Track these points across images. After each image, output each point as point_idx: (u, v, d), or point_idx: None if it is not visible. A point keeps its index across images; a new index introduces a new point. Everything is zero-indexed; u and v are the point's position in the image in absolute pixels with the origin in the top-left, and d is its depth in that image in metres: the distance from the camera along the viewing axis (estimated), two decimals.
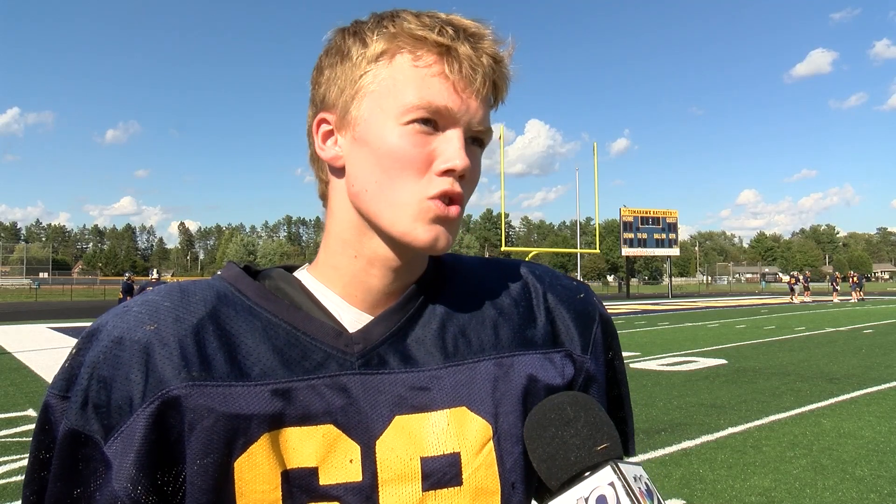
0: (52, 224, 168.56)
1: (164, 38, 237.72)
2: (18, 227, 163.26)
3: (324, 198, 0.76)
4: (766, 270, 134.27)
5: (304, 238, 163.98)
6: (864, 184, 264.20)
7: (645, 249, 48.72)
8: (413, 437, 0.68)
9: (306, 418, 0.66)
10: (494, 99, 0.72)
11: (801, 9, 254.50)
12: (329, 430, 0.66)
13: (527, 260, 0.86)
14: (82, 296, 58.72)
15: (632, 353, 11.82)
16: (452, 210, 0.68)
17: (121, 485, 0.61)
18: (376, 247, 0.71)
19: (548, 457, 0.66)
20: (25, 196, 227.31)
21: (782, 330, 17.17)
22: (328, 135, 0.72)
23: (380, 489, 0.66)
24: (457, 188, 0.67)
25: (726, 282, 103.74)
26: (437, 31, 0.67)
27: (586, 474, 0.63)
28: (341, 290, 0.73)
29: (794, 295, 36.62)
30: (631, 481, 0.61)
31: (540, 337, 0.76)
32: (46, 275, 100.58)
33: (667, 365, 10.43)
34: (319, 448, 0.66)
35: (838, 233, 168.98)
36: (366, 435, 0.67)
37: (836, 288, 41.00)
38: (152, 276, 21.51)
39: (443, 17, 0.69)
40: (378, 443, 0.67)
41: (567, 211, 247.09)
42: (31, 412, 7.23)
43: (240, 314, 0.69)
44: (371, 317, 0.72)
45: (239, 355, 0.66)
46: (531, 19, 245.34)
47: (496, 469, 0.70)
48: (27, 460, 0.68)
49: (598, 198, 41.95)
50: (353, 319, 0.71)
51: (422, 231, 0.67)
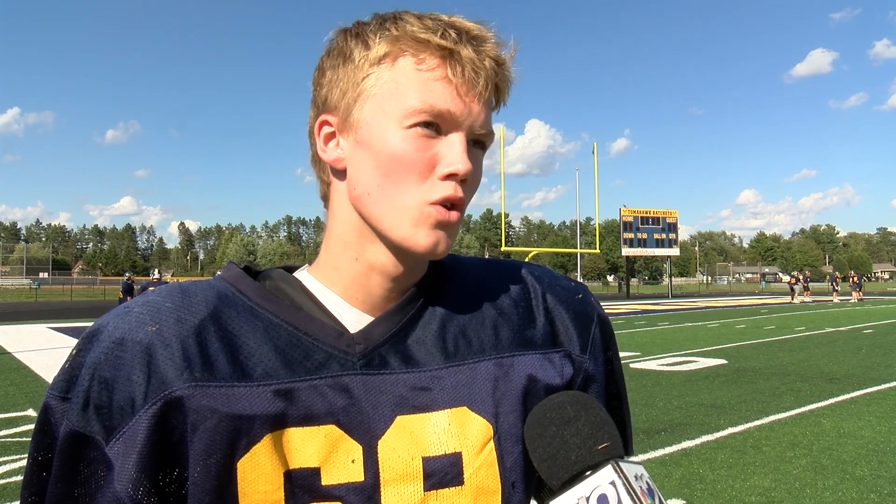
0: (52, 224, 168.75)
1: (164, 38, 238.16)
2: (18, 227, 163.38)
3: (325, 199, 0.76)
4: (766, 270, 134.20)
5: (304, 238, 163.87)
6: (864, 184, 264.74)
7: (645, 249, 48.71)
8: (415, 437, 0.68)
9: (308, 418, 0.66)
10: (496, 101, 0.72)
11: (801, 9, 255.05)
12: (331, 430, 0.66)
13: (526, 260, 0.87)
14: (82, 296, 58.68)
15: (632, 353, 11.82)
16: (453, 215, 0.68)
17: (122, 486, 0.61)
18: (377, 252, 0.71)
19: (548, 456, 0.66)
20: (25, 196, 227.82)
21: (782, 330, 17.16)
22: (330, 137, 0.72)
23: (382, 489, 0.66)
24: (459, 193, 0.67)
25: (726, 282, 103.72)
26: (439, 34, 0.66)
27: (587, 473, 0.63)
28: (342, 291, 0.73)
29: (795, 295, 36.59)
30: (632, 480, 0.61)
31: (539, 337, 0.76)
32: (46, 275, 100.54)
33: (667, 365, 10.43)
34: (322, 448, 0.66)
35: (838, 233, 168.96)
36: (368, 435, 0.67)
37: (836, 288, 41.00)
38: (153, 276, 21.52)
39: (445, 20, 0.68)
40: (380, 443, 0.67)
41: (567, 211, 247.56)
42: (31, 412, 7.23)
43: (241, 315, 0.68)
44: (371, 317, 0.72)
45: (241, 356, 0.66)
46: (531, 19, 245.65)
47: (497, 469, 0.70)
48: (26, 462, 0.67)
49: (598, 198, 42.03)
50: (354, 320, 0.71)
51: (422, 236, 0.67)
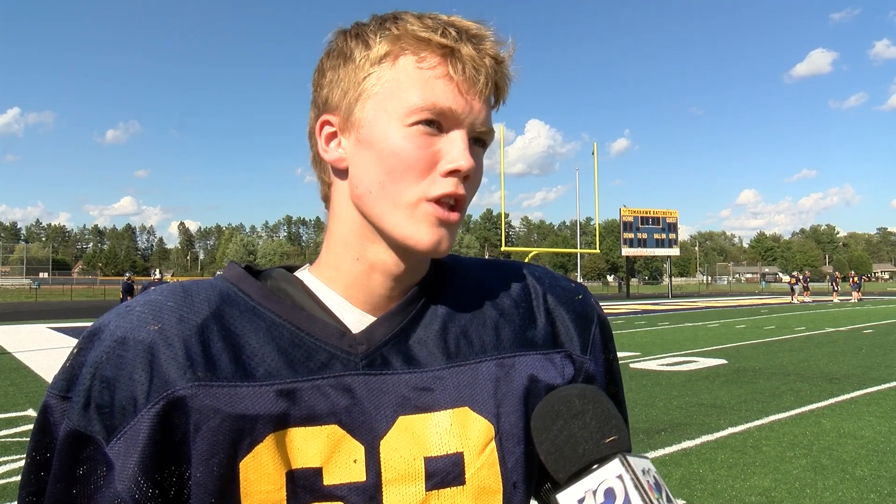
0: (52, 224, 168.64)
1: (164, 38, 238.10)
2: (18, 227, 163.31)
3: (326, 200, 0.76)
4: (766, 270, 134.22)
5: (304, 238, 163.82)
6: (864, 184, 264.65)
7: (645, 249, 48.72)
8: (417, 437, 0.68)
9: (311, 418, 0.66)
10: (496, 100, 0.72)
11: (801, 9, 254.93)
12: (333, 430, 0.66)
13: (526, 260, 0.87)
14: (82, 296, 58.66)
15: (632, 353, 11.81)
16: (454, 213, 0.68)
17: (124, 486, 0.61)
18: (379, 251, 0.71)
19: (555, 449, 0.65)
20: (25, 196, 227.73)
21: (782, 330, 17.16)
22: (331, 136, 0.72)
23: (384, 489, 0.67)
24: (461, 190, 0.68)
25: (726, 282, 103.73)
26: (440, 32, 0.67)
27: (594, 467, 0.63)
28: (343, 291, 0.73)
29: (795, 295, 36.60)
30: (639, 474, 0.61)
31: (540, 338, 0.77)
32: (46, 275, 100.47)
33: (667, 365, 10.42)
34: (324, 448, 0.66)
35: (838, 233, 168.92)
36: (370, 435, 0.67)
37: (836, 288, 41.01)
38: (155, 276, 21.51)
39: (445, 19, 0.69)
40: (382, 443, 0.67)
41: (567, 211, 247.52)
42: (31, 412, 7.23)
43: (244, 314, 0.68)
44: (373, 317, 0.72)
45: (244, 355, 0.66)
46: (531, 19, 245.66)
47: (498, 469, 0.71)
48: (25, 461, 0.67)
49: (598, 198, 42.05)
50: (356, 320, 0.72)
51: (425, 234, 0.67)
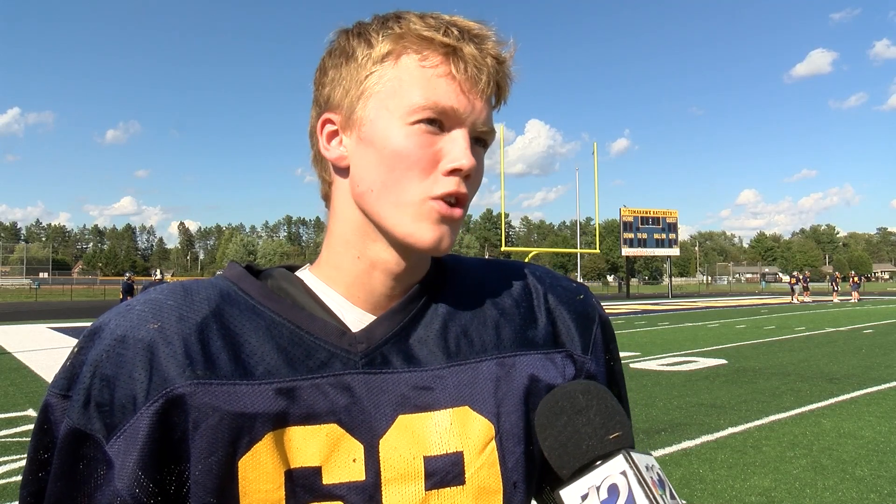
0: (52, 224, 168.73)
1: (164, 38, 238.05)
2: (18, 227, 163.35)
3: (326, 198, 0.76)
4: (766, 270, 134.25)
5: (304, 238, 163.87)
6: (864, 184, 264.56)
7: (645, 249, 48.71)
8: (416, 436, 0.68)
9: (310, 417, 0.66)
10: (497, 99, 0.72)
11: (801, 9, 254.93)
12: (333, 429, 0.66)
13: (527, 260, 0.87)
14: (82, 296, 58.67)
15: (632, 353, 11.82)
16: (456, 211, 0.68)
17: (123, 484, 0.61)
18: (379, 249, 0.71)
19: (559, 445, 0.65)
20: (25, 196, 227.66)
21: (782, 330, 17.16)
22: (333, 135, 0.72)
23: (383, 488, 0.67)
24: (462, 189, 0.68)
25: (726, 282, 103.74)
26: (442, 31, 0.67)
27: (598, 463, 0.63)
28: (344, 290, 0.73)
29: (795, 295, 36.62)
30: (643, 470, 0.61)
31: (541, 337, 0.77)
32: (46, 275, 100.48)
33: (667, 365, 10.43)
34: (323, 447, 0.66)
35: (838, 233, 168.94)
36: (369, 434, 0.67)
37: (836, 288, 41.03)
38: (155, 276, 21.48)
39: (447, 19, 0.69)
40: (381, 442, 0.67)
41: (567, 211, 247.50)
42: (31, 412, 7.23)
43: (243, 313, 0.68)
44: (373, 316, 0.72)
45: (243, 354, 0.66)
46: (531, 19, 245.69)
47: (498, 468, 0.71)
48: (25, 460, 0.67)
49: (598, 198, 42.07)
50: (356, 319, 0.72)
51: (426, 232, 0.68)
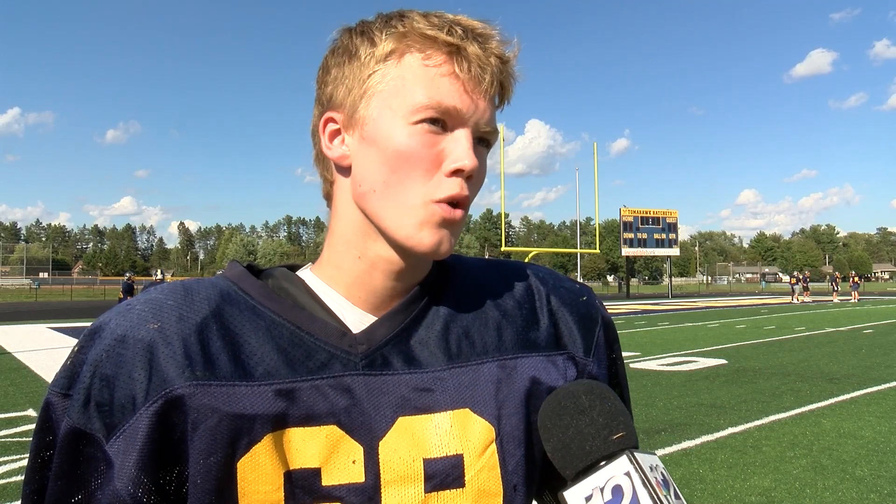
0: (52, 224, 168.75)
1: (164, 38, 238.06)
2: (18, 227, 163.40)
3: (328, 198, 0.76)
4: (766, 270, 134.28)
5: (304, 238, 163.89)
6: (864, 184, 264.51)
7: (645, 249, 48.72)
8: (416, 438, 0.68)
9: (310, 419, 0.66)
10: (500, 99, 0.72)
11: (801, 9, 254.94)
12: (332, 430, 0.66)
13: (527, 260, 0.86)
14: (82, 296, 58.68)
15: (632, 353, 11.81)
16: (457, 213, 0.68)
17: (123, 484, 0.61)
18: (380, 249, 0.71)
19: (563, 446, 0.65)
20: (25, 196, 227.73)
21: (782, 330, 17.16)
22: (335, 134, 0.72)
23: (382, 490, 0.66)
24: (464, 191, 0.67)
25: (726, 282, 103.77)
26: (446, 30, 0.67)
27: (602, 463, 0.63)
28: (345, 290, 0.73)
29: (795, 295, 36.65)
30: (647, 471, 0.61)
31: (543, 339, 0.76)
32: (46, 275, 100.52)
33: (667, 365, 10.43)
34: (322, 449, 0.66)
35: (838, 233, 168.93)
36: (369, 436, 0.67)
37: (836, 288, 41.04)
38: (156, 276, 21.46)
39: (450, 18, 0.69)
40: (381, 444, 0.67)
41: (567, 211, 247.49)
42: (31, 412, 7.23)
43: (244, 313, 0.68)
44: (374, 317, 0.72)
45: (243, 355, 0.66)
46: (531, 19, 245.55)
47: (499, 471, 0.70)
48: (27, 459, 0.67)
49: (598, 198, 42.06)
50: (357, 320, 0.71)
51: (426, 236, 0.67)
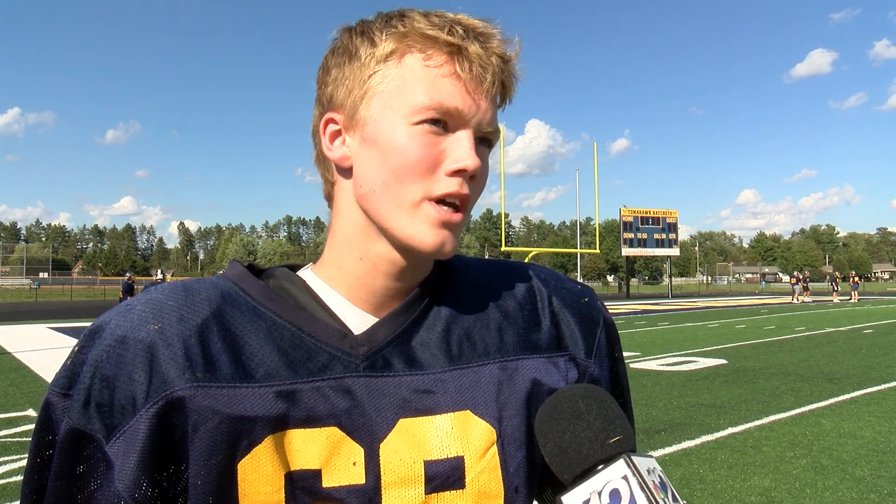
0: (52, 224, 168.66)
1: (164, 38, 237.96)
2: (18, 227, 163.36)
3: (329, 198, 0.76)
4: (766, 270, 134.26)
5: (304, 238, 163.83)
6: (864, 184, 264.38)
7: (645, 249, 48.70)
8: (417, 440, 0.68)
9: (310, 420, 0.66)
10: (502, 99, 0.72)
11: (801, 9, 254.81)
12: (333, 432, 0.66)
13: (527, 260, 0.86)
14: (82, 296, 58.65)
15: (632, 353, 11.81)
16: (455, 216, 0.68)
17: (123, 485, 0.61)
18: (382, 249, 0.71)
19: (560, 450, 0.65)
20: (25, 196, 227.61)
21: (782, 330, 17.16)
22: (336, 135, 0.72)
23: (383, 492, 0.66)
24: (465, 189, 0.67)
25: (726, 282, 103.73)
26: (446, 30, 0.66)
27: (599, 467, 0.63)
28: (346, 291, 0.72)
29: (795, 295, 36.65)
30: (644, 474, 0.61)
31: (544, 341, 0.76)
32: (46, 275, 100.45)
33: (667, 365, 10.42)
34: (323, 450, 0.66)
35: (838, 233, 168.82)
36: (370, 437, 0.67)
37: (836, 288, 41.03)
38: (156, 276, 21.43)
39: (451, 17, 0.68)
40: (382, 445, 0.67)
41: (567, 211, 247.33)
42: (31, 412, 7.22)
43: (244, 314, 0.68)
44: (376, 318, 0.72)
45: (243, 356, 0.66)
46: (531, 19, 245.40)
47: (500, 473, 0.70)
48: (27, 458, 0.67)
49: (598, 198, 42.00)
50: (358, 321, 0.71)
51: (429, 235, 0.67)
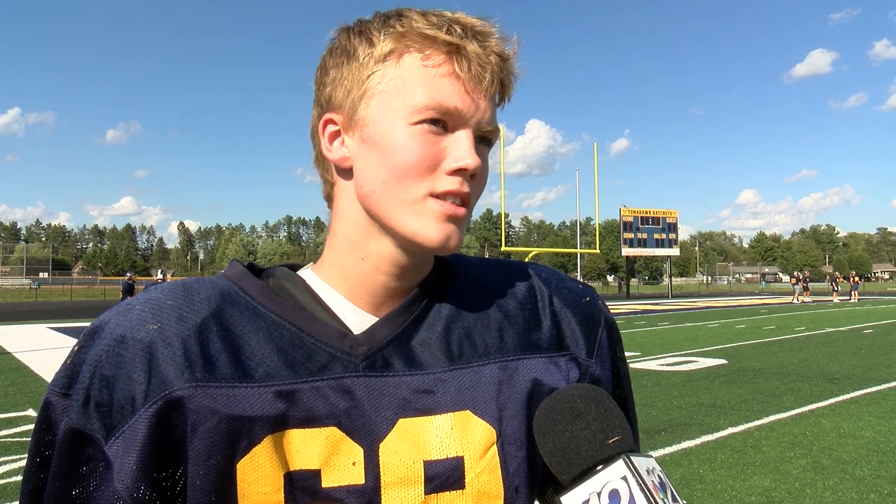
0: (52, 224, 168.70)
1: (164, 38, 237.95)
2: (18, 227, 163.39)
3: (329, 199, 0.76)
4: (766, 270, 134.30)
5: (304, 238, 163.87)
6: (864, 184, 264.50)
7: (645, 249, 48.70)
8: (416, 440, 0.68)
9: (310, 420, 0.65)
10: (501, 97, 0.72)
11: (801, 9, 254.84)
12: (332, 432, 0.66)
13: (527, 260, 0.86)
14: (82, 296, 58.65)
15: (632, 353, 11.80)
16: (460, 210, 0.68)
17: (122, 485, 0.61)
18: (384, 248, 0.71)
19: (558, 450, 0.65)
20: (25, 196, 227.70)
21: (782, 330, 17.16)
22: (335, 135, 0.71)
23: (382, 492, 0.66)
24: (465, 188, 0.67)
25: (726, 282, 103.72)
26: (445, 29, 0.66)
27: (598, 468, 0.62)
28: (346, 290, 0.72)
29: (795, 295, 36.68)
30: (644, 475, 0.61)
31: (545, 340, 0.76)
32: (46, 275, 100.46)
33: (667, 365, 10.43)
34: (322, 450, 0.65)
35: (838, 233, 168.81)
36: (369, 438, 0.67)
37: (836, 288, 41.04)
38: (157, 276, 21.42)
39: (449, 16, 0.68)
40: (381, 446, 0.67)
41: (567, 211, 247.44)
42: (31, 412, 7.22)
43: (244, 314, 0.68)
44: (376, 318, 0.72)
45: (243, 356, 0.66)
46: (531, 19, 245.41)
47: (500, 473, 0.70)
48: (26, 458, 0.67)
49: (598, 198, 42.02)
50: (358, 321, 0.71)
51: (433, 230, 0.67)
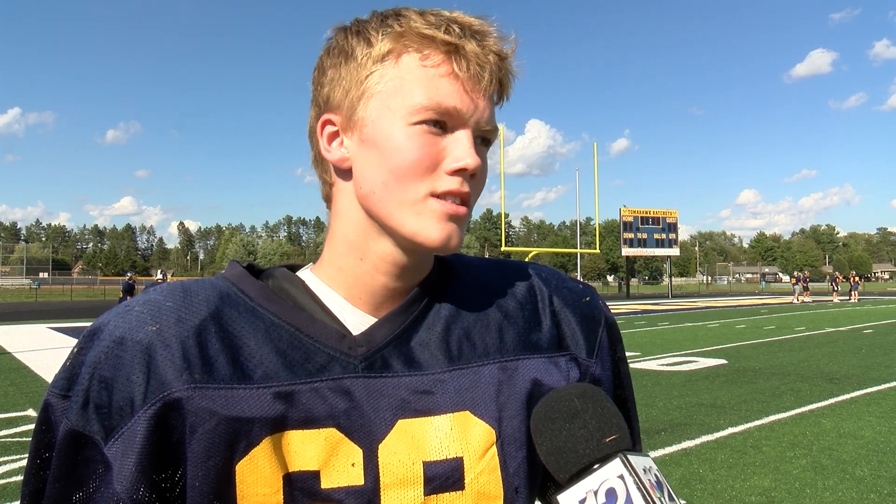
0: (52, 224, 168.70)
1: (164, 38, 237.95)
2: (18, 227, 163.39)
3: (328, 200, 0.75)
4: (766, 270, 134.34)
5: (304, 238, 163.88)
6: (864, 184, 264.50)
7: (645, 249, 48.71)
8: (416, 441, 0.68)
9: (309, 421, 0.65)
10: (499, 96, 0.71)
11: (801, 9, 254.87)
12: (331, 433, 0.66)
13: (527, 260, 0.86)
14: (82, 296, 58.66)
15: (632, 353, 11.80)
16: (461, 208, 0.67)
17: (122, 486, 0.61)
18: (384, 249, 0.70)
19: (555, 449, 0.65)
20: (25, 196, 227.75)
21: (782, 330, 17.16)
22: (333, 136, 0.71)
23: (382, 493, 0.66)
24: (465, 188, 0.67)
25: (726, 282, 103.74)
26: (443, 29, 0.66)
27: (595, 467, 0.62)
28: (345, 291, 0.72)
29: (796, 295, 36.70)
30: (640, 473, 0.61)
31: (545, 341, 0.76)
32: (46, 275, 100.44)
33: (667, 365, 10.43)
34: (321, 451, 0.65)
35: (838, 233, 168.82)
36: (368, 438, 0.67)
37: (836, 288, 41.05)
38: (157, 276, 21.41)
39: (447, 15, 0.68)
40: (380, 447, 0.67)
41: (567, 211, 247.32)
42: (31, 412, 7.23)
43: (242, 315, 0.68)
44: (375, 319, 0.72)
45: (241, 357, 0.66)
46: (531, 19, 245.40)
47: (499, 474, 0.70)
48: (27, 459, 0.67)
49: (598, 198, 42.02)
50: (357, 321, 0.71)
51: (433, 230, 0.67)
